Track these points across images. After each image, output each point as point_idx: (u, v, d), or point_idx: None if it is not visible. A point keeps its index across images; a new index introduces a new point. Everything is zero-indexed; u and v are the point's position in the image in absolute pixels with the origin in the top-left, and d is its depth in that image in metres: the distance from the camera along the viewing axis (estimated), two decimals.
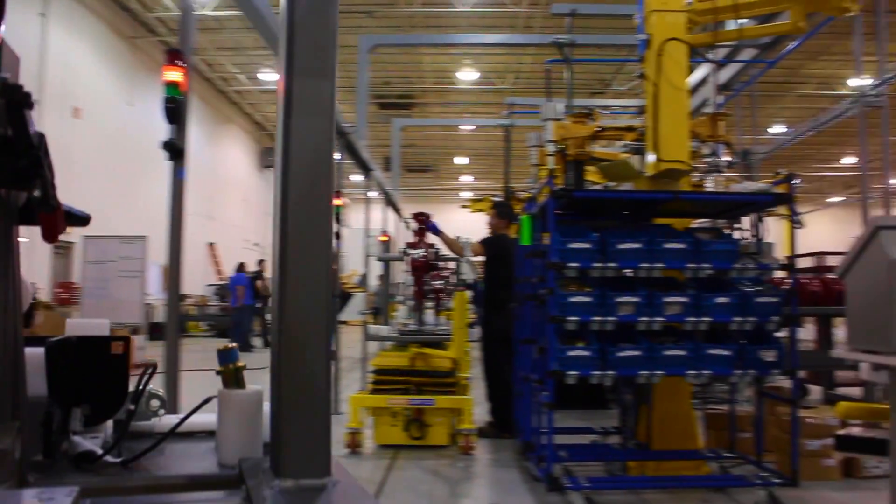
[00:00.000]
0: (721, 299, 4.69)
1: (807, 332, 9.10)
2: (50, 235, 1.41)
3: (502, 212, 8.06)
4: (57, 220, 1.40)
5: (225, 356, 1.67)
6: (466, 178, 37.21)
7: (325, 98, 1.40)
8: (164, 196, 5.46)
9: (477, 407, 6.85)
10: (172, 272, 5.47)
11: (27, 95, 1.16)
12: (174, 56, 4.60)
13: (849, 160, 31.42)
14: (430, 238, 8.00)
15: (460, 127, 27.27)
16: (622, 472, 5.58)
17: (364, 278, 9.87)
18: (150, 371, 1.75)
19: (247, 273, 17.75)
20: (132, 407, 1.71)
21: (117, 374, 1.65)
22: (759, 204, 5.14)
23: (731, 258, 4.78)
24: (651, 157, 5.90)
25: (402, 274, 12.71)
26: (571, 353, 4.62)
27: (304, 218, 1.38)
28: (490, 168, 32.41)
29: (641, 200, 5.31)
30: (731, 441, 5.72)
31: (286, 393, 1.35)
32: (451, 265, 11.29)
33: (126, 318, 9.05)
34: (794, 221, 4.93)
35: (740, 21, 6.80)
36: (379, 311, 13.08)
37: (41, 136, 1.23)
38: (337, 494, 1.29)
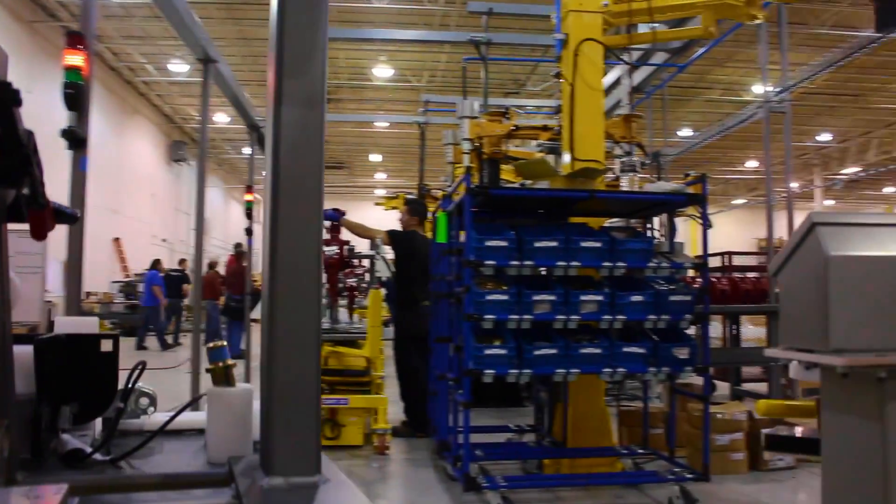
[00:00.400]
0: (636, 298, 4.73)
1: (714, 330, 9.37)
2: (39, 233, 1.41)
3: (414, 208, 7.98)
4: (46, 217, 1.41)
5: (214, 354, 1.67)
6: (381, 176, 37.00)
7: (316, 91, 1.41)
8: (65, 188, 5.16)
9: (391, 406, 6.76)
10: (73, 268, 5.19)
11: (16, 93, 1.16)
12: (75, 39, 4.32)
13: (752, 164, 32.67)
14: (345, 235, 7.87)
15: (375, 123, 27.06)
16: (538, 470, 5.59)
17: None
18: (139, 369, 1.75)
19: (161, 270, 17.19)
20: (121, 405, 1.72)
21: (106, 372, 1.65)
22: (673, 203, 5.22)
23: (646, 257, 4.83)
24: (566, 157, 5.94)
25: None
26: (488, 352, 4.58)
27: (295, 213, 1.37)
28: (404, 165, 32.32)
29: (558, 199, 5.31)
30: (644, 437, 5.80)
31: (276, 391, 1.35)
32: (366, 263, 11.16)
33: (24, 317, 8.56)
34: (705, 222, 5.02)
35: (653, 24, 6.91)
36: None
37: (30, 134, 1.23)
38: (327, 492, 1.29)
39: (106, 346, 1.66)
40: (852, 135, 29.10)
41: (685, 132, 26.10)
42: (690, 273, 6.14)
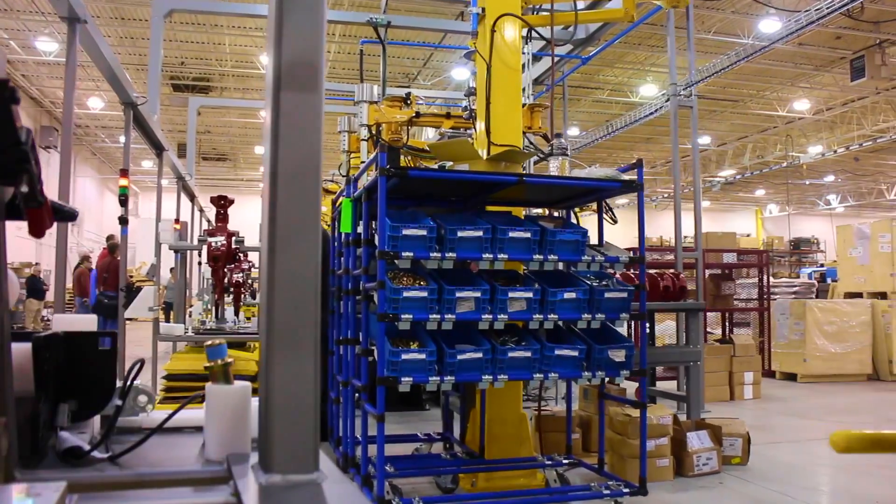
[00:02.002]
0: (569, 294, 4.26)
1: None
2: (37, 230, 1.41)
3: None
4: (44, 215, 1.39)
5: (213, 352, 1.65)
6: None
7: (314, 75, 1.38)
8: None
9: None
10: None
11: (13, 90, 1.16)
12: None
13: None
14: (233, 225, 7.13)
15: (261, 113, 25.89)
16: (453, 484, 5.06)
17: (154, 269, 8.71)
18: (137, 367, 1.76)
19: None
20: (119, 402, 1.72)
21: (104, 369, 1.66)
22: (606, 191, 4.80)
23: (579, 249, 4.37)
24: (482, 140, 5.46)
25: (199, 265, 11.56)
26: (405, 357, 4.00)
27: (296, 201, 1.35)
28: None
29: (475, 186, 4.77)
30: (567, 445, 5.37)
31: (274, 388, 1.33)
32: (252, 256, 10.34)
33: None
34: (641, 213, 4.64)
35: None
36: (172, 306, 11.82)
37: (28, 132, 1.22)
38: (325, 489, 1.27)
39: (104, 344, 1.66)
40: (730, 139, 30.20)
41: (573, 131, 26.31)
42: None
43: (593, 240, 4.89)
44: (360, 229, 4.94)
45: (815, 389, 10.43)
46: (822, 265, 30.98)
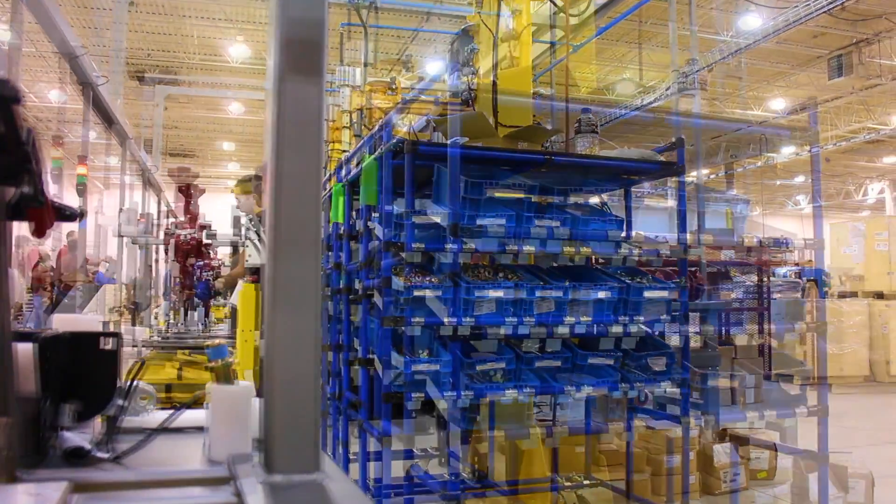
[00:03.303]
0: (602, 293, 3.67)
1: None
2: (39, 230, 1.42)
3: (259, 186, 6.28)
4: (45, 215, 1.39)
5: (215, 352, 1.65)
6: (234, 166, 34.71)
7: (315, 62, 1.36)
8: None
9: None
10: None
11: (15, 91, 1.16)
12: None
13: None
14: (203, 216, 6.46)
15: (229, 109, 25.06)
16: None
17: (114, 265, 8.00)
18: (139, 367, 1.79)
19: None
20: (122, 403, 1.72)
21: (107, 369, 1.68)
22: (640, 174, 4.23)
23: (613, 240, 3.78)
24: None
25: (165, 262, 10.82)
26: (417, 368, 3.40)
27: (298, 194, 1.32)
28: (258, 155, 30.41)
29: (509, 162, 4.07)
30: (586, 464, 4.81)
31: (276, 388, 1.32)
32: (220, 254, 9.64)
33: None
34: (682, 198, 4.08)
35: None
36: (136, 307, 11.08)
37: (30, 132, 1.23)
38: (327, 489, 1.27)
39: (106, 344, 1.66)
40: (703, 138, 29.98)
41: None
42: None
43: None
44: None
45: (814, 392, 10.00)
46: (797, 265, 30.90)
